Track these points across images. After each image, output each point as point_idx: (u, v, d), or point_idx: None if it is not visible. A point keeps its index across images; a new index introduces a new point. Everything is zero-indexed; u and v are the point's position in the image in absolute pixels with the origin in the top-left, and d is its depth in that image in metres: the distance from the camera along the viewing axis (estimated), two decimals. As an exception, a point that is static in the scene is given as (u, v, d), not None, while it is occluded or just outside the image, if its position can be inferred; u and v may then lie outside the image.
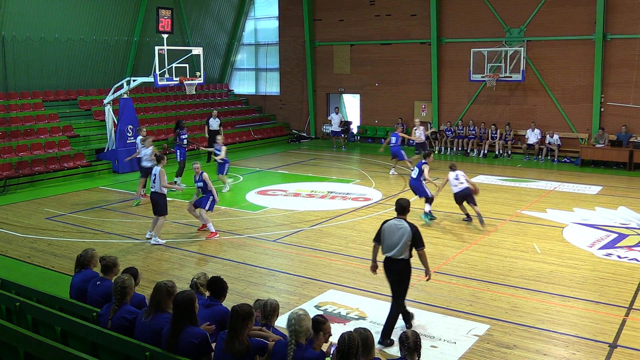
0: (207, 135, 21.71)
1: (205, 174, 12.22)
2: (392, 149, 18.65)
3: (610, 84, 20.82)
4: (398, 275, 7.45)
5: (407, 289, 7.56)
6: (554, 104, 21.98)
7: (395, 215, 7.59)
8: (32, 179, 17.57)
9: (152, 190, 11.80)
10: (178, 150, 17.59)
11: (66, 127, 20.64)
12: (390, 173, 18.84)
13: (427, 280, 7.80)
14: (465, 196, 12.71)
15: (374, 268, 7.84)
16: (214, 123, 21.61)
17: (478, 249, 11.27)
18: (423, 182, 13.26)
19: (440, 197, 15.55)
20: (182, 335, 4.97)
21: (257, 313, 5.64)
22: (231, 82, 30.76)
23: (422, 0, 23.87)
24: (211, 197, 12.25)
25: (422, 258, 7.45)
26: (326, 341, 5.05)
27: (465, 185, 12.73)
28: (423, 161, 13.32)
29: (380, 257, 7.69)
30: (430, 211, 13.15)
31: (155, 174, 11.68)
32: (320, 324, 4.99)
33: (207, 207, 12.22)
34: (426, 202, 13.19)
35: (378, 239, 7.59)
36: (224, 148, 16.30)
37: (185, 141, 17.76)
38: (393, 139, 18.65)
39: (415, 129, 19.74)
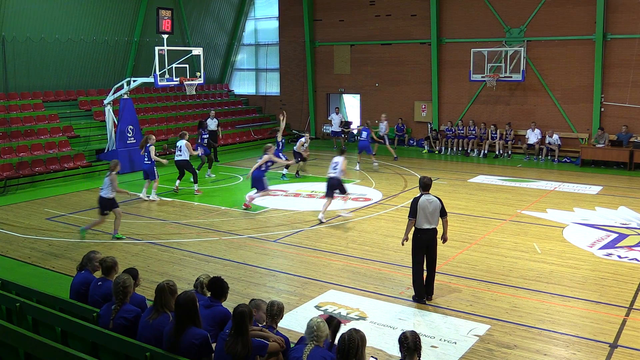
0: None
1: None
2: (360, 143, 19.70)
3: (610, 84, 20.82)
4: (433, 242, 8.72)
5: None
6: (554, 104, 21.98)
7: (421, 192, 8.75)
8: (33, 180, 17.57)
9: (331, 175, 13.29)
10: (199, 148, 18.33)
11: (66, 128, 20.64)
12: (356, 169, 19.50)
13: (444, 243, 9.02)
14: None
15: (406, 241, 8.91)
16: (212, 123, 21.48)
17: (478, 249, 11.27)
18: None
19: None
20: (184, 336, 4.97)
21: (254, 312, 5.67)
22: (231, 82, 30.77)
23: (422, 0, 23.87)
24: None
25: (446, 224, 8.89)
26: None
27: (186, 157, 16.22)
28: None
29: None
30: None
31: (338, 162, 13.29)
32: (337, 325, 5.36)
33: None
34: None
35: (415, 214, 8.60)
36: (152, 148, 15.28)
37: (205, 140, 18.72)
38: (364, 134, 19.68)
39: (380, 123, 22.16)
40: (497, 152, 22.41)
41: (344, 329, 4.99)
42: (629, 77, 20.35)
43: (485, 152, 22.62)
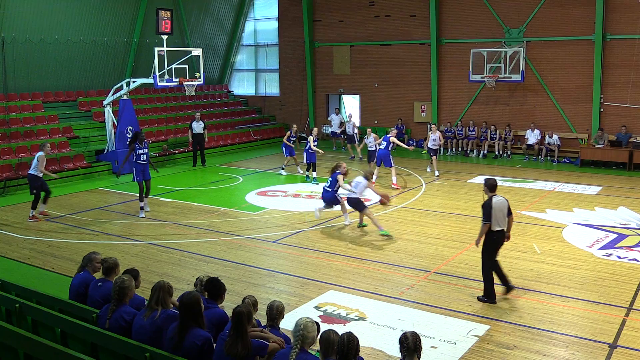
0: (190, 139, 21.20)
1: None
2: (379, 152, 17.39)
3: (609, 84, 20.83)
4: (502, 242, 8.78)
5: None
6: (554, 104, 21.99)
7: (490, 194, 8.70)
8: (32, 180, 17.54)
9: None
10: (134, 169, 13.86)
11: (66, 129, 20.63)
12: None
13: (507, 241, 8.91)
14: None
15: (478, 244, 8.83)
16: (197, 126, 20.93)
17: (478, 249, 11.24)
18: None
19: (440, 198, 15.65)
20: (187, 336, 4.98)
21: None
22: (231, 83, 30.77)
23: (421, 0, 23.88)
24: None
25: (511, 222, 8.84)
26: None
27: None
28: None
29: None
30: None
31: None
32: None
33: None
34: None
35: (490, 217, 8.53)
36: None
37: (143, 157, 13.68)
38: (384, 143, 17.24)
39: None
40: (496, 153, 22.42)
41: (344, 329, 4.96)
42: (628, 78, 20.36)
43: (485, 152, 22.63)
